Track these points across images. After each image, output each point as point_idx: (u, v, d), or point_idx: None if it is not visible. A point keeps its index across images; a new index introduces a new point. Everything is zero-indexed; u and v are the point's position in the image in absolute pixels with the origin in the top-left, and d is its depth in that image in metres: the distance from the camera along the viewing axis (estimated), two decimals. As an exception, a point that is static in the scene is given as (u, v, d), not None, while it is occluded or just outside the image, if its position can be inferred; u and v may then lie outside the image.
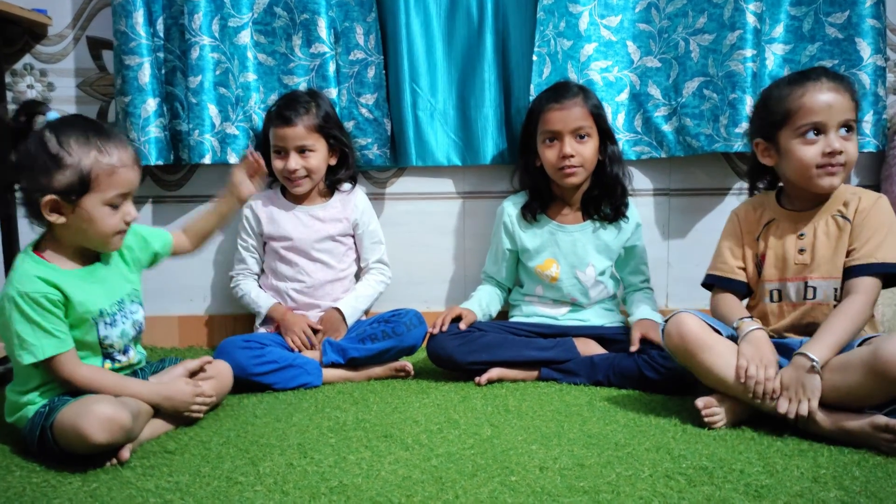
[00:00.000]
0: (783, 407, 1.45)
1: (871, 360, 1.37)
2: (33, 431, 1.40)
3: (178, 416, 1.56)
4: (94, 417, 1.32)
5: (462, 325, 1.93)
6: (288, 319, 2.01)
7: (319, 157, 2.06)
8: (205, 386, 1.61)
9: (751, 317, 1.59)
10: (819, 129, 1.54)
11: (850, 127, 1.54)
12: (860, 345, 1.48)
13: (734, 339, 1.58)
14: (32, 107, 1.46)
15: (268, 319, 2.07)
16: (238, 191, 1.79)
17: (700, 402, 1.54)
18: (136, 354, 1.60)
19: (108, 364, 1.53)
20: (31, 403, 1.44)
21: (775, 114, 1.57)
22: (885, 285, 1.55)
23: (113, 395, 1.43)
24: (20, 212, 1.49)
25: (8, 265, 2.05)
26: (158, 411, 1.53)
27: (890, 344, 1.36)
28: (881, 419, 1.37)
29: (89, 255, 1.52)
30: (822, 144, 1.53)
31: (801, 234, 1.60)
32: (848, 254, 1.55)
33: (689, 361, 1.56)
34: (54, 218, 1.42)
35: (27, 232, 2.14)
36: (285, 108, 2.03)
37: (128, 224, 1.49)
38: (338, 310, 2.04)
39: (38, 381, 1.45)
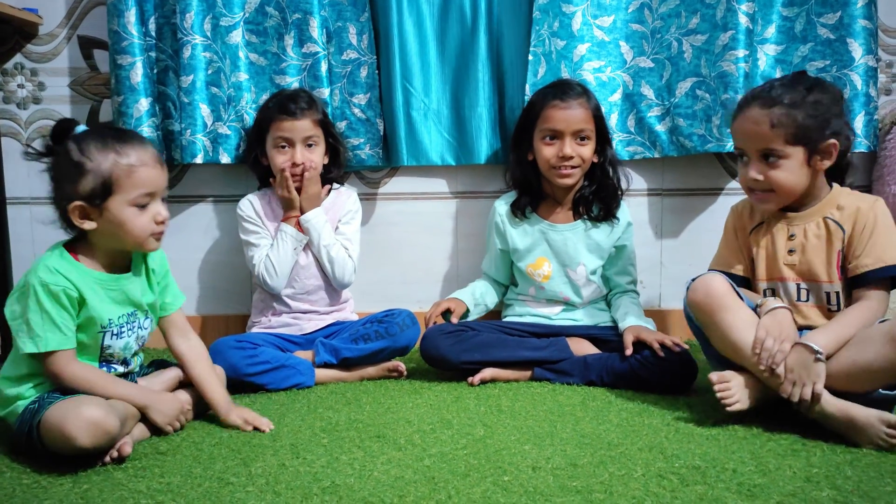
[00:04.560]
0: (787, 390, 1.46)
1: (893, 331, 1.39)
2: (22, 429, 1.39)
3: (154, 426, 1.52)
4: (81, 420, 1.31)
5: (453, 319, 1.93)
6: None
7: (321, 152, 2.05)
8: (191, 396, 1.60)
9: (775, 296, 1.60)
10: (742, 154, 1.61)
11: (769, 155, 1.54)
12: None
13: (754, 311, 1.58)
14: (63, 127, 1.48)
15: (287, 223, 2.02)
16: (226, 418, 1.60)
17: (714, 375, 1.52)
18: (135, 365, 1.61)
19: (104, 370, 1.53)
20: (22, 398, 1.44)
21: None
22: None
23: (102, 395, 1.42)
24: (55, 224, 1.51)
25: (1, 278, 2.05)
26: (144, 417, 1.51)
27: None
28: (891, 416, 1.38)
29: (120, 265, 1.53)
30: (744, 170, 1.60)
31: (792, 235, 1.61)
32: (850, 261, 1.54)
33: (709, 319, 1.56)
34: (86, 224, 1.45)
35: (20, 245, 2.15)
36: (290, 102, 2.00)
37: (160, 224, 1.49)
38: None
39: (32, 373, 1.45)
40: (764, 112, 1.54)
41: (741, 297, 1.57)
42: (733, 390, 1.50)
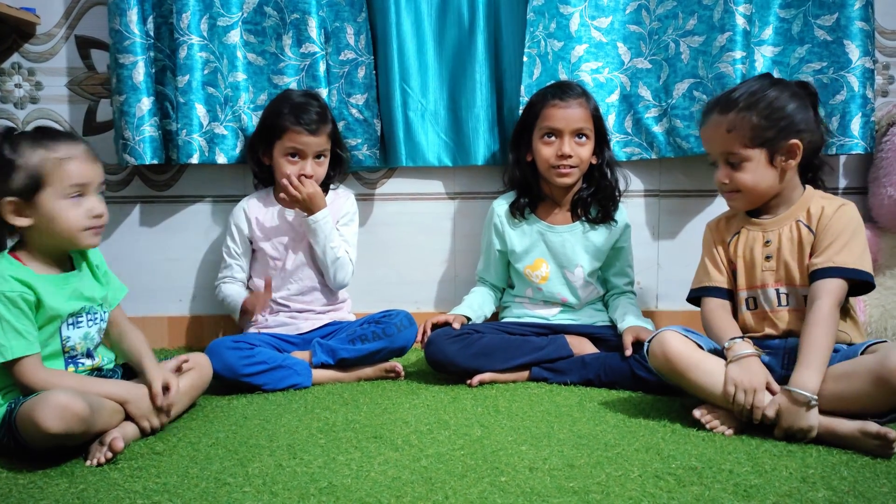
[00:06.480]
0: (779, 436, 1.45)
1: (878, 369, 1.38)
2: (6, 434, 1.39)
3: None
4: (49, 406, 1.31)
5: (455, 325, 1.92)
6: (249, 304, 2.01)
7: (327, 162, 2.06)
8: (183, 382, 1.60)
9: (742, 336, 1.57)
10: (713, 161, 1.64)
11: (731, 159, 1.58)
12: (863, 352, 1.47)
13: (717, 352, 1.56)
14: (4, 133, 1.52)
15: (244, 311, 2.02)
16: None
17: (697, 412, 1.53)
18: (100, 358, 1.60)
19: (71, 368, 1.53)
20: None
21: None
22: (853, 293, 1.55)
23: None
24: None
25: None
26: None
27: None
28: (872, 426, 1.36)
29: (62, 263, 1.54)
30: (715, 173, 1.63)
31: (768, 242, 1.61)
32: (810, 260, 1.56)
33: (677, 380, 1.56)
34: (20, 221, 1.46)
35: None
36: (305, 113, 1.98)
37: (95, 218, 1.50)
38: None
39: (1, 383, 1.45)
40: (721, 117, 1.58)
41: (699, 343, 1.56)
42: (720, 420, 1.51)
